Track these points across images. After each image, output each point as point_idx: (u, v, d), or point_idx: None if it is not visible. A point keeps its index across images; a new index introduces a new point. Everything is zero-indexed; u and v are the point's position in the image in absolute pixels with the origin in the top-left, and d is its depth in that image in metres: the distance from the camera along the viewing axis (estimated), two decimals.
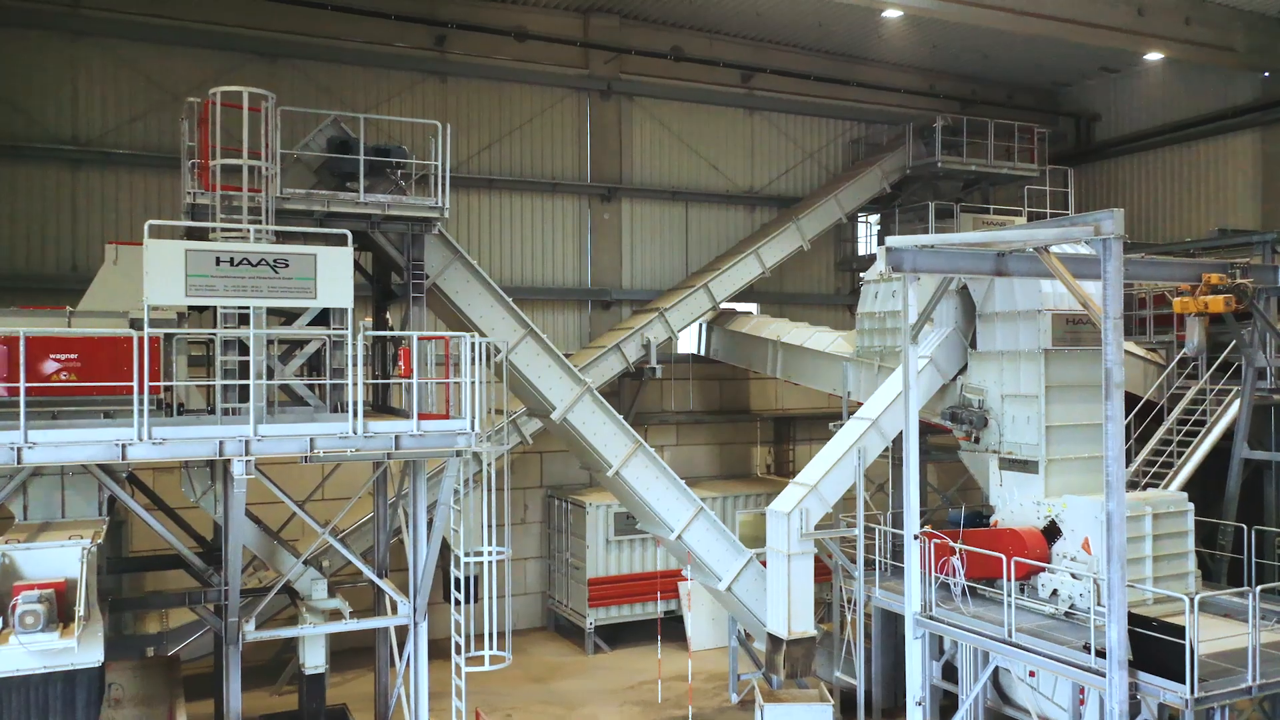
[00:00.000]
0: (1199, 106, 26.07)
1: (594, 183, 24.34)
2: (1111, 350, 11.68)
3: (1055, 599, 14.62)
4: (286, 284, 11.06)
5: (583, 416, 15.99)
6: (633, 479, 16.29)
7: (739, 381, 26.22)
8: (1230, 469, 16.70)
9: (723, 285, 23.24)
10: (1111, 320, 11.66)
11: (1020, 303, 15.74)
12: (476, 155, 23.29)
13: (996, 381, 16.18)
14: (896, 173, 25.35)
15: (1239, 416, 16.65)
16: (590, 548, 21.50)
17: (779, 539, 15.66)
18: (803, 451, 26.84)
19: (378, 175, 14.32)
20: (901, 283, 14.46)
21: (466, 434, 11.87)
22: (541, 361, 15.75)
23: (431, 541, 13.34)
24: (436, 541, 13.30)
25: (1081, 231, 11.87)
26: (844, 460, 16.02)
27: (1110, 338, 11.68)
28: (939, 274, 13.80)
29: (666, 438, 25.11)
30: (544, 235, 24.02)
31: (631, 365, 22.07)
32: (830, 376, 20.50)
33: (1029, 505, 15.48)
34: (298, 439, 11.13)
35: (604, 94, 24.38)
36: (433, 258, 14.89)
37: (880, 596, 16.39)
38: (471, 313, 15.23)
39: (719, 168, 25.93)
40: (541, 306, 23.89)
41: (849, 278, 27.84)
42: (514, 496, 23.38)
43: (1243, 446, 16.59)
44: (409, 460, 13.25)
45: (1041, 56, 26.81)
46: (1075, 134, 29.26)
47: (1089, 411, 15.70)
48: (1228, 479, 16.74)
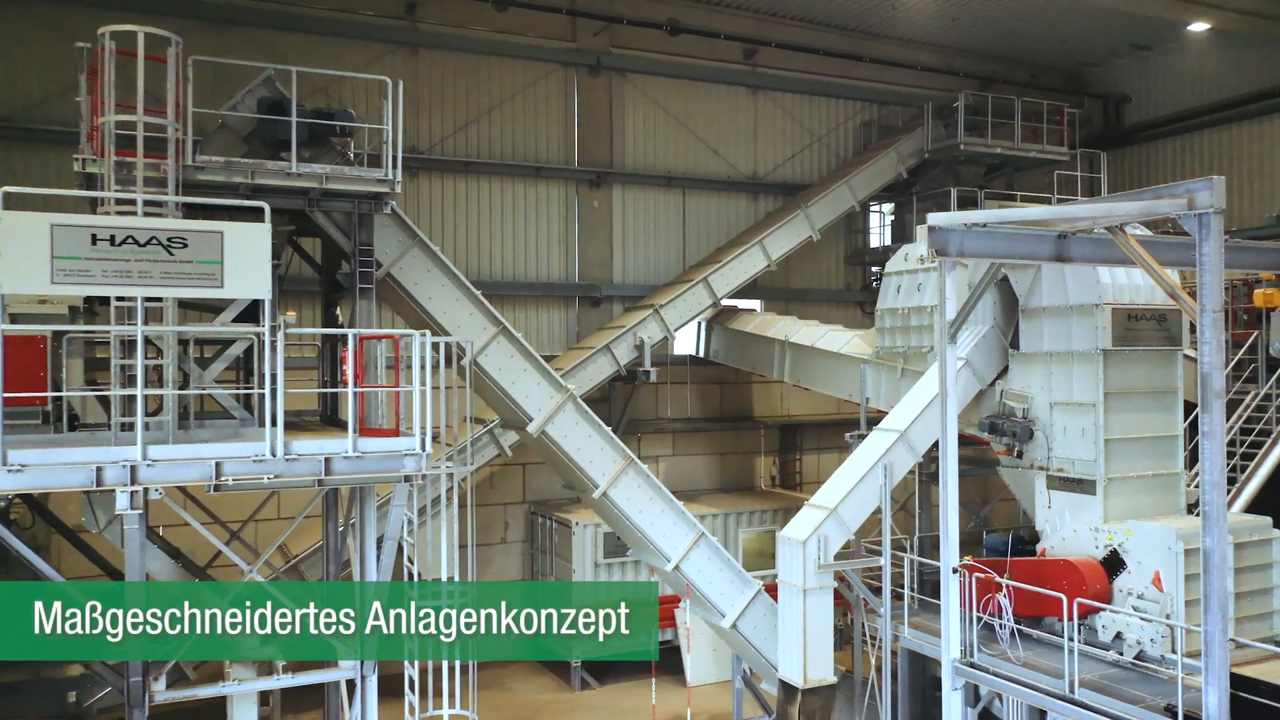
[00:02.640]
0: (1240, 85, 23.91)
1: (582, 167, 22.12)
2: (1210, 351, 9.48)
3: (1119, 643, 12.42)
4: (184, 269, 8.81)
5: (564, 429, 13.76)
6: (623, 501, 14.06)
7: (741, 385, 24.01)
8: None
9: (724, 279, 21.09)
10: (1210, 314, 9.45)
11: (1073, 295, 13.55)
12: (452, 136, 21.08)
13: (1044, 387, 13.99)
14: (914, 157, 23.17)
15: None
16: (577, 571, 19.29)
17: (793, 571, 13.45)
18: (810, 462, 24.67)
19: (320, 145, 12.09)
20: (938, 272, 12.27)
21: (415, 455, 9.64)
22: (516, 365, 13.51)
23: (381, 580, 11.12)
24: (387, 580, 11.09)
25: (1171, 205, 9.66)
26: (868, 479, 13.82)
27: (1209, 335, 9.47)
28: (988, 260, 11.61)
29: (662, 448, 22.88)
30: (527, 225, 21.80)
31: (623, 368, 19.93)
32: (845, 380, 18.30)
33: (1084, 531, 13.27)
34: (200, 463, 8.89)
35: (593, 70, 22.16)
36: (387, 243, 12.67)
37: (909, 636, 14.16)
38: (433, 308, 13.00)
39: (719, 152, 23.71)
40: (523, 303, 21.66)
41: (860, 272, 25.65)
42: (493, 513, 21.18)
43: None
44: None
45: (1068, 32, 24.67)
46: (1103, 117, 27.10)
47: (1154, 422, 13.57)
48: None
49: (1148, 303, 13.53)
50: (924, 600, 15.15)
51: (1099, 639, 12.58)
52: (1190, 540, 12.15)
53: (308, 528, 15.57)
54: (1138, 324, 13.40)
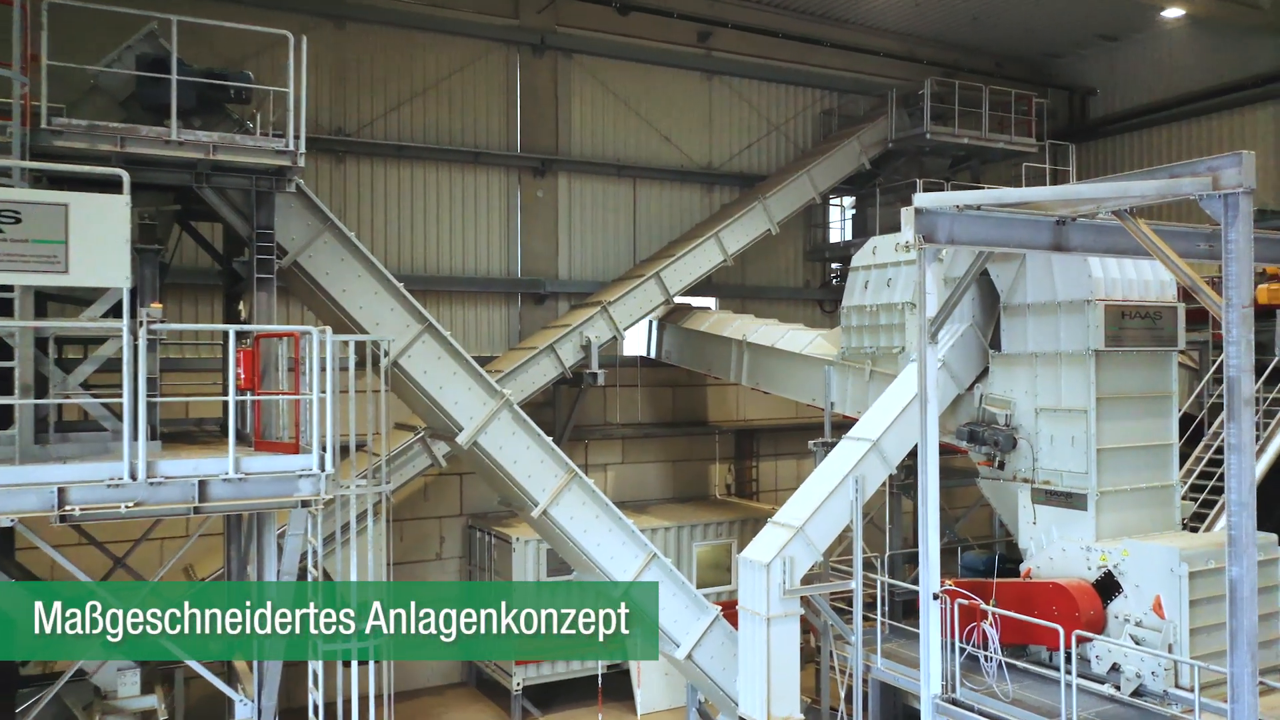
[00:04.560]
0: (1209, 78, 23.07)
1: (525, 153, 20.55)
2: (1238, 352, 8.25)
3: (1116, 675, 11.21)
4: (17, 249, 7.13)
5: (499, 439, 12.20)
6: (565, 520, 12.55)
7: (695, 388, 22.61)
8: None
9: (677, 275, 19.67)
10: (1238, 310, 8.22)
11: (1061, 290, 12.34)
12: (382, 117, 19.38)
13: (1028, 391, 12.77)
14: (877, 147, 21.95)
15: None
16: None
17: (756, 597, 12.06)
18: (767, 469, 23.36)
19: (212, 112, 10.45)
20: (916, 263, 10.92)
21: (312, 475, 8.05)
22: (444, 367, 11.93)
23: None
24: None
25: (1193, 184, 8.41)
26: (837, 493, 12.48)
27: (1236, 334, 8.24)
28: (979, 248, 10.31)
29: (610, 455, 21.40)
30: (465, 215, 20.17)
31: (568, 370, 18.41)
32: (808, 383, 16.97)
33: (1074, 551, 12.06)
34: (39, 490, 7.21)
35: (536, 49, 20.61)
36: (293, 227, 11.03)
37: (881, 667, 12.84)
38: (347, 302, 11.38)
39: (672, 139, 22.28)
40: (461, 300, 20.04)
41: (820, 268, 24.40)
42: (427, 528, 19.54)
43: None
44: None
45: (1034, 21, 23.64)
46: (1068, 110, 26.17)
47: (1148, 430, 12.43)
48: None
49: (1141, 299, 12.38)
50: (895, 626, 13.91)
51: (1093, 670, 11.38)
52: (1195, 562, 11.00)
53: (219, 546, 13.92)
54: (1131, 322, 12.24)
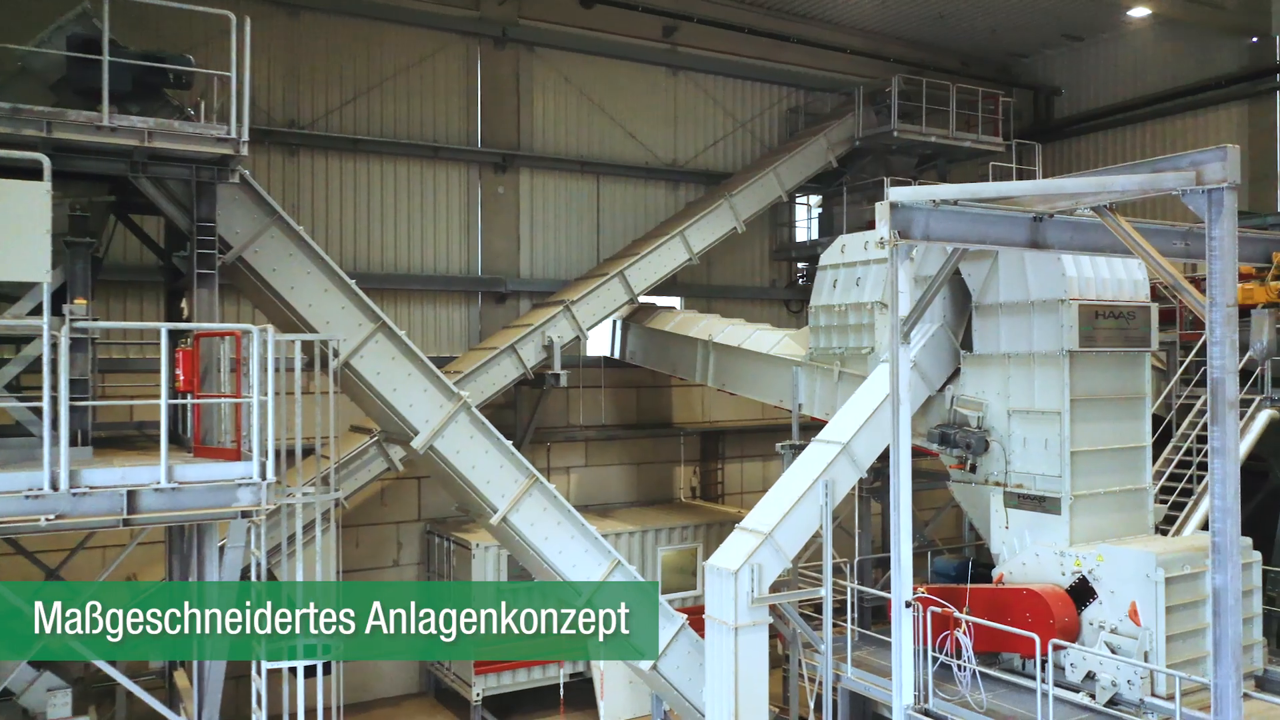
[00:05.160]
0: (1173, 78, 23.07)
1: (485, 148, 20.02)
2: (1222, 352, 7.99)
3: (1091, 683, 10.95)
4: None
5: (456, 443, 11.69)
6: (526, 527, 12.07)
7: (660, 389, 22.20)
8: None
9: (641, 274, 19.24)
10: (1223, 309, 7.96)
11: (1035, 290, 12.08)
12: (338, 110, 18.76)
13: (1000, 393, 12.50)
14: (844, 144, 21.66)
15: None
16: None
17: (723, 606, 11.66)
18: (733, 471, 23.01)
19: (150, 98, 9.86)
20: (888, 261, 10.60)
21: (253, 484, 7.52)
22: (398, 368, 11.41)
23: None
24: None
25: (1176, 179, 8.14)
26: (807, 498, 12.11)
27: (1220, 334, 7.98)
28: (955, 244, 9.98)
29: (573, 458, 20.92)
30: (423, 211, 19.60)
31: (530, 371, 17.91)
32: (775, 384, 16.61)
33: (1048, 555, 11.80)
34: None
35: (498, 41, 20.10)
36: (238, 221, 10.47)
37: (851, 677, 12.50)
38: (296, 299, 10.83)
39: (637, 136, 21.85)
40: (419, 299, 19.47)
41: (786, 268, 24.09)
42: (384, 533, 18.95)
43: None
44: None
45: (1000, 19, 23.53)
46: (1033, 110, 26.08)
47: (1121, 432, 12.23)
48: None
49: (1115, 298, 12.15)
50: (864, 633, 13.60)
51: (1067, 678, 11.11)
52: (1172, 567, 10.77)
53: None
54: (1104, 322, 12.00)
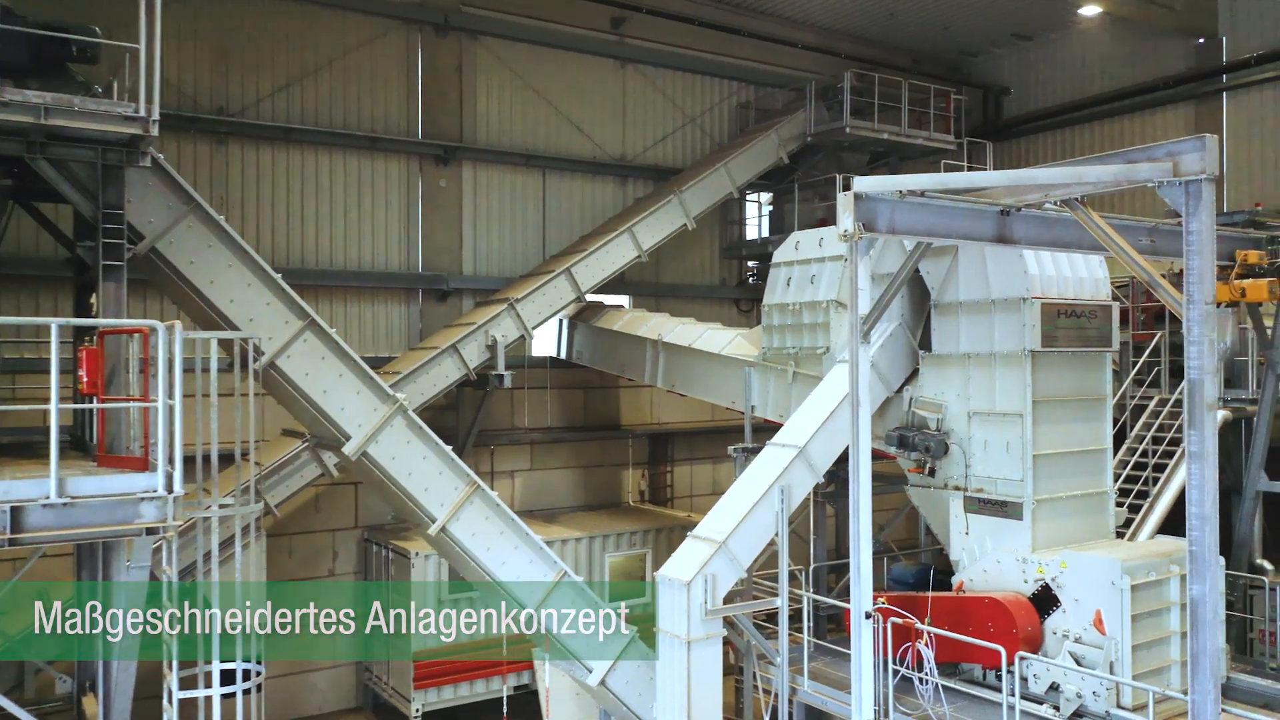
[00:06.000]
0: (1121, 79, 23.07)
1: (427, 140, 19.24)
2: (1200, 353, 7.61)
3: (1055, 695, 10.59)
4: None
5: (392, 448, 10.98)
6: (466, 537, 11.39)
7: (607, 390, 21.60)
8: (1241, 505, 13.14)
9: (589, 271, 18.63)
10: (1200, 307, 7.58)
11: (996, 288, 11.70)
12: (269, 97, 17.86)
13: (960, 394, 12.11)
14: (795, 141, 21.28)
15: (1254, 437, 13.11)
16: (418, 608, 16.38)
17: (675, 619, 11.10)
18: (682, 474, 22.49)
19: (54, 74, 9.02)
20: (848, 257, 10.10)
21: (157, 498, 6.76)
22: (328, 369, 10.66)
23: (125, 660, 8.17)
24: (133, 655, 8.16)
25: (1151, 169, 7.75)
26: (762, 504, 11.60)
27: (1197, 333, 7.60)
28: (919, 238, 9.52)
29: (518, 461, 20.23)
30: (361, 205, 18.76)
31: (472, 372, 17.21)
32: (727, 386, 16.12)
33: (1010, 562, 11.42)
34: None
35: (440, 29, 19.33)
36: (151, 209, 9.65)
37: (809, 690, 12.01)
38: (216, 295, 10.03)
39: (584, 129, 21.22)
40: (356, 296, 18.63)
41: (736, 266, 23.64)
42: (319, 542, 18.09)
43: (1260, 476, 13.03)
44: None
45: (952, 18, 23.36)
46: (983, 109, 25.97)
47: (1083, 434, 11.88)
48: (1235, 517, 13.17)
49: (1076, 297, 11.82)
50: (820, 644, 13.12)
51: (1030, 689, 10.74)
52: (1137, 574, 10.45)
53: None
54: (1066, 322, 11.66)
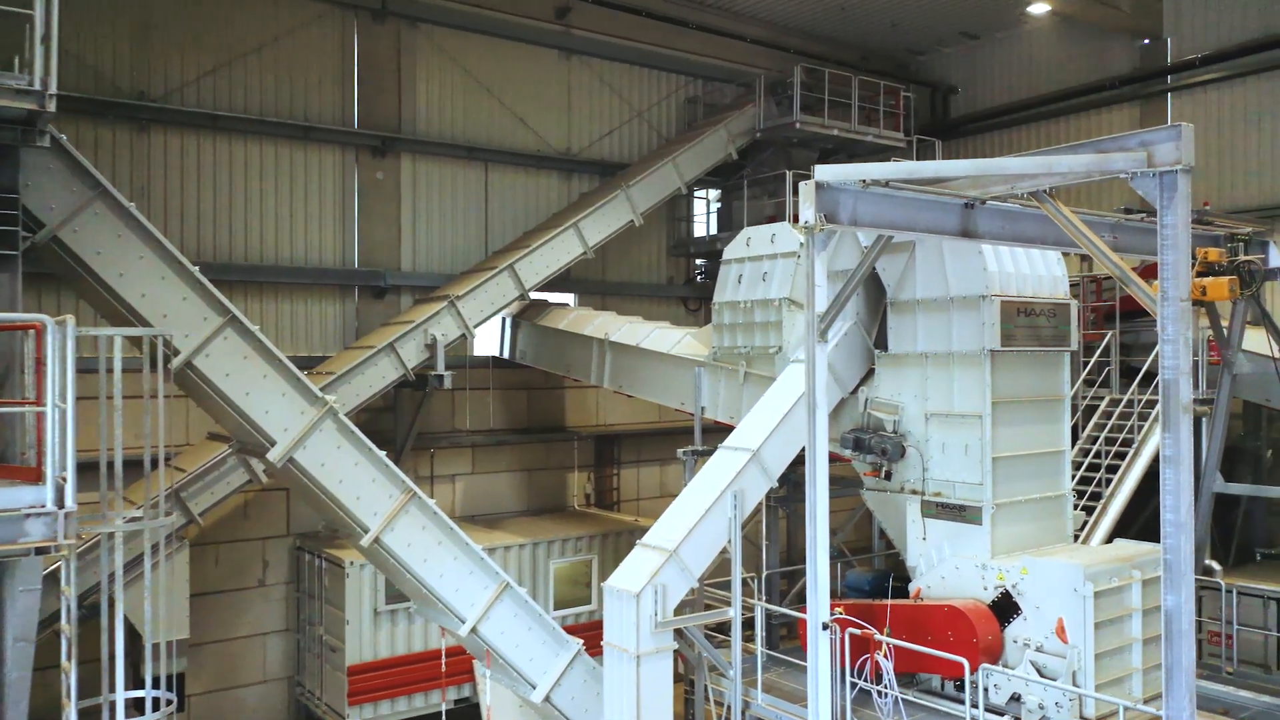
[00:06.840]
0: (1068, 78, 23.05)
1: (363, 130, 18.46)
2: (1174, 351, 7.27)
3: (1016, 705, 10.25)
4: None
5: (321, 455, 10.25)
6: (402, 548, 10.70)
7: (552, 391, 20.98)
8: (1197, 507, 12.96)
9: (533, 268, 18.00)
10: (1175, 304, 7.23)
11: (955, 285, 11.35)
12: (194, 83, 16.93)
13: (918, 395, 11.74)
14: (745, 136, 20.87)
15: (1212, 439, 12.95)
16: (351, 623, 15.64)
17: (624, 632, 10.54)
18: (629, 477, 21.98)
19: None
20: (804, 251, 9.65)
21: (47, 513, 6.03)
22: (251, 370, 9.91)
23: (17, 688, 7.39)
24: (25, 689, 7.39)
25: (1124, 160, 7.39)
26: (714, 510, 11.09)
27: (1173, 331, 7.26)
28: (881, 231, 9.08)
29: (459, 465, 19.52)
30: (293, 197, 17.91)
31: (411, 372, 16.48)
32: (676, 386, 15.63)
33: (969, 568, 11.07)
34: None
35: (377, 15, 18.56)
36: (52, 194, 8.83)
37: (763, 704, 11.54)
38: (125, 288, 9.24)
39: (528, 122, 20.57)
40: (288, 292, 17.78)
41: (684, 264, 23.19)
42: (248, 551, 17.21)
43: (1215, 477, 12.88)
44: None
45: (901, 14, 23.14)
46: (930, 108, 25.85)
47: (1041, 436, 11.59)
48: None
49: (1035, 295, 11.52)
50: (773, 655, 12.70)
51: (991, 699, 10.38)
52: (1100, 580, 10.14)
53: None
54: (1025, 320, 11.35)
